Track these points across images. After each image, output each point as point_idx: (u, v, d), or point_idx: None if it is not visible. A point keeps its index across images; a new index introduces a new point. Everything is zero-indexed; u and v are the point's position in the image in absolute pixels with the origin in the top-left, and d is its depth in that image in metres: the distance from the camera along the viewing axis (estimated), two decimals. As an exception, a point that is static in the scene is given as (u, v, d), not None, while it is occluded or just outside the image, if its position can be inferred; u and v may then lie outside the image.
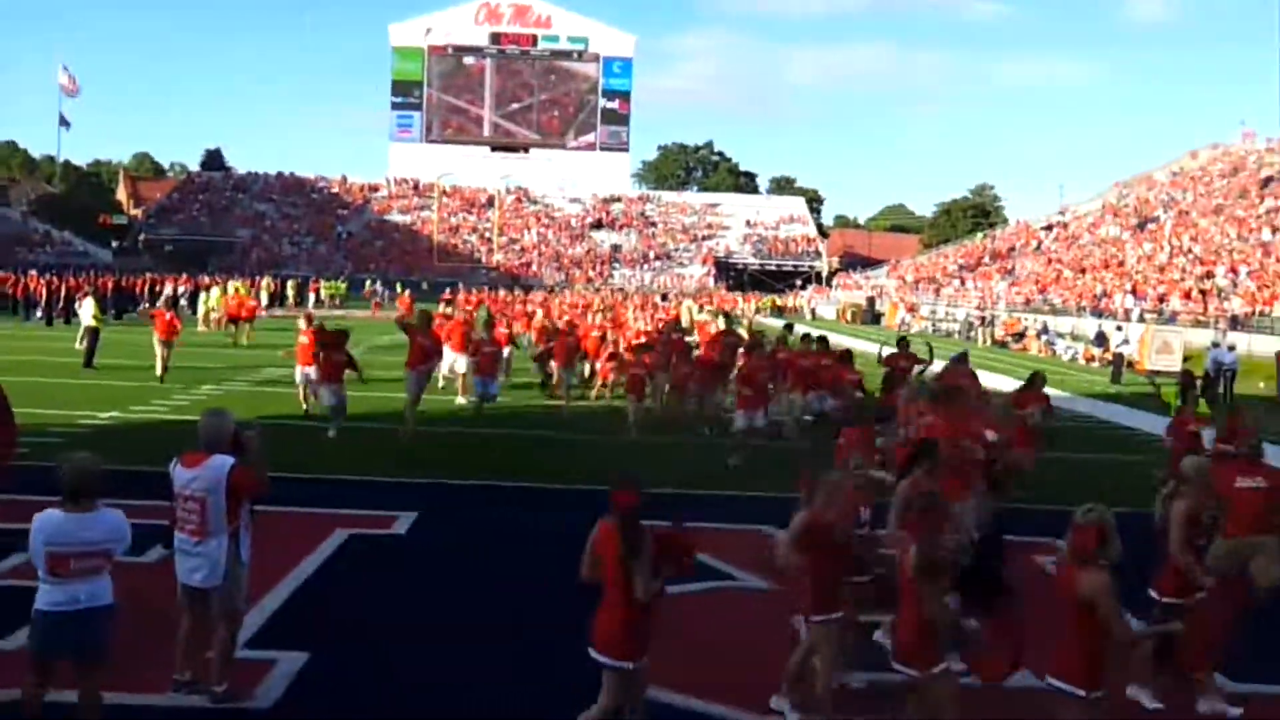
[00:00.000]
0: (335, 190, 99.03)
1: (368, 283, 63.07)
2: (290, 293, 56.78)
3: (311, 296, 57.81)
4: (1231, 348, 27.90)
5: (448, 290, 49.77)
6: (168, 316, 22.14)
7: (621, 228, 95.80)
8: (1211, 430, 11.19)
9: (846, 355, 15.87)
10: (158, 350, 21.13)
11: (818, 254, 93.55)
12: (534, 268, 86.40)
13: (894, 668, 5.62)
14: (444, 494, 11.79)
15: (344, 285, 63.73)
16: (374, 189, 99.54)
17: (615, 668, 5.48)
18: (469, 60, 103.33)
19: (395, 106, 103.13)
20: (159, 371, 20.82)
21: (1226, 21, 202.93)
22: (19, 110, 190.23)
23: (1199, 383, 15.63)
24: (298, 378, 17.25)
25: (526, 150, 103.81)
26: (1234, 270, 45.08)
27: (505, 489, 12.32)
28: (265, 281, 54.67)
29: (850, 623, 6.59)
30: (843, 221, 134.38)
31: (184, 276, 53.51)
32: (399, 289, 48.68)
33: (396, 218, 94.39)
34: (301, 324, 17.98)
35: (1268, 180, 58.29)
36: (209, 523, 5.97)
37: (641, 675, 5.60)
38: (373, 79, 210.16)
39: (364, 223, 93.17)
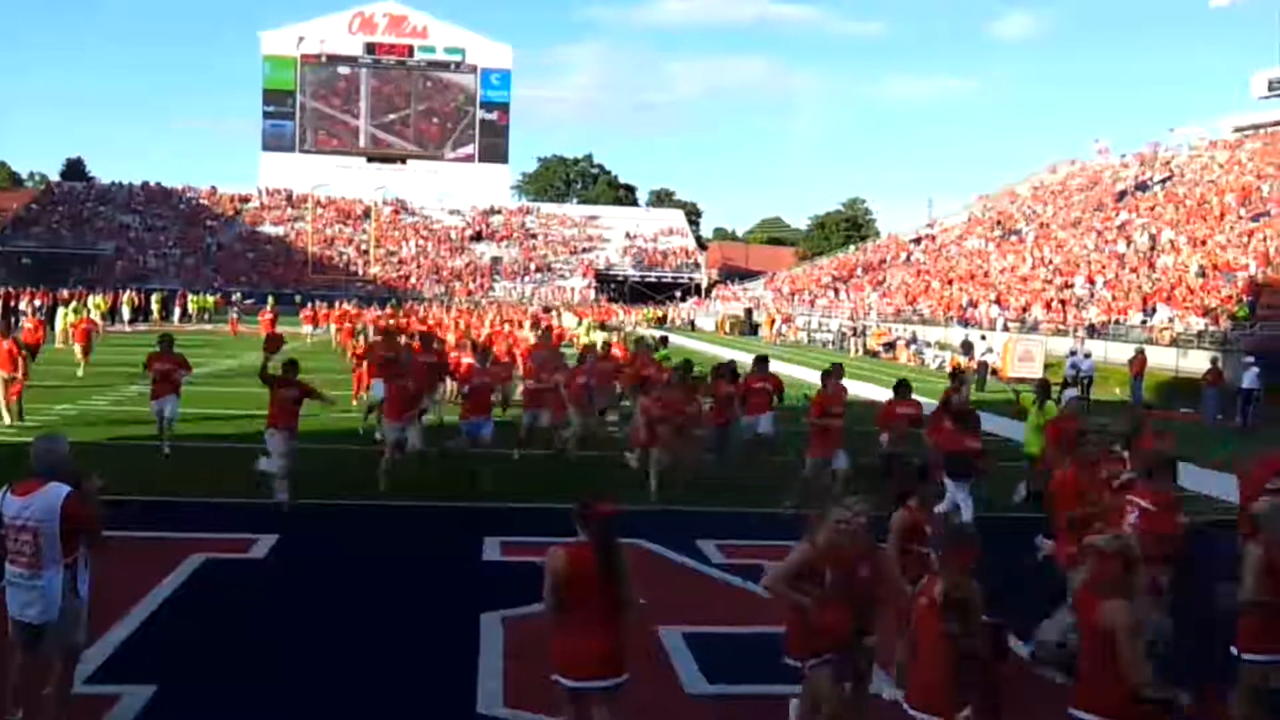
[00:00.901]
0: (204, 201, 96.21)
1: (236, 296, 61.21)
2: (155, 307, 54.80)
3: (178, 310, 55.99)
4: (1088, 355, 29.07)
5: (308, 305, 48.44)
6: (5, 345, 17.55)
7: (501, 240, 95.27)
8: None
9: (903, 387, 13.41)
10: None
11: (697, 266, 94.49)
12: (413, 280, 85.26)
13: (910, 715, 5.08)
14: (307, 515, 11.42)
15: (212, 299, 61.89)
16: (245, 200, 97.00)
17: (606, 688, 5.27)
18: (343, 70, 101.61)
19: (267, 116, 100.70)
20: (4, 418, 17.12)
21: (1083, 42, 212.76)
22: None
23: (1055, 389, 16.20)
24: (154, 411, 14.86)
25: (404, 161, 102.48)
26: (1091, 280, 46.99)
27: (371, 508, 12.03)
28: (127, 295, 52.62)
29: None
30: (721, 234, 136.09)
31: (41, 290, 51.18)
32: (269, 302, 47.16)
33: (269, 229, 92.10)
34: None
35: (1122, 194, 61.02)
36: (43, 555, 5.67)
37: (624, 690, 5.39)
38: (243, 87, 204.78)
39: (235, 234, 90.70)
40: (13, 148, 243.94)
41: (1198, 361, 32.33)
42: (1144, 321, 39.15)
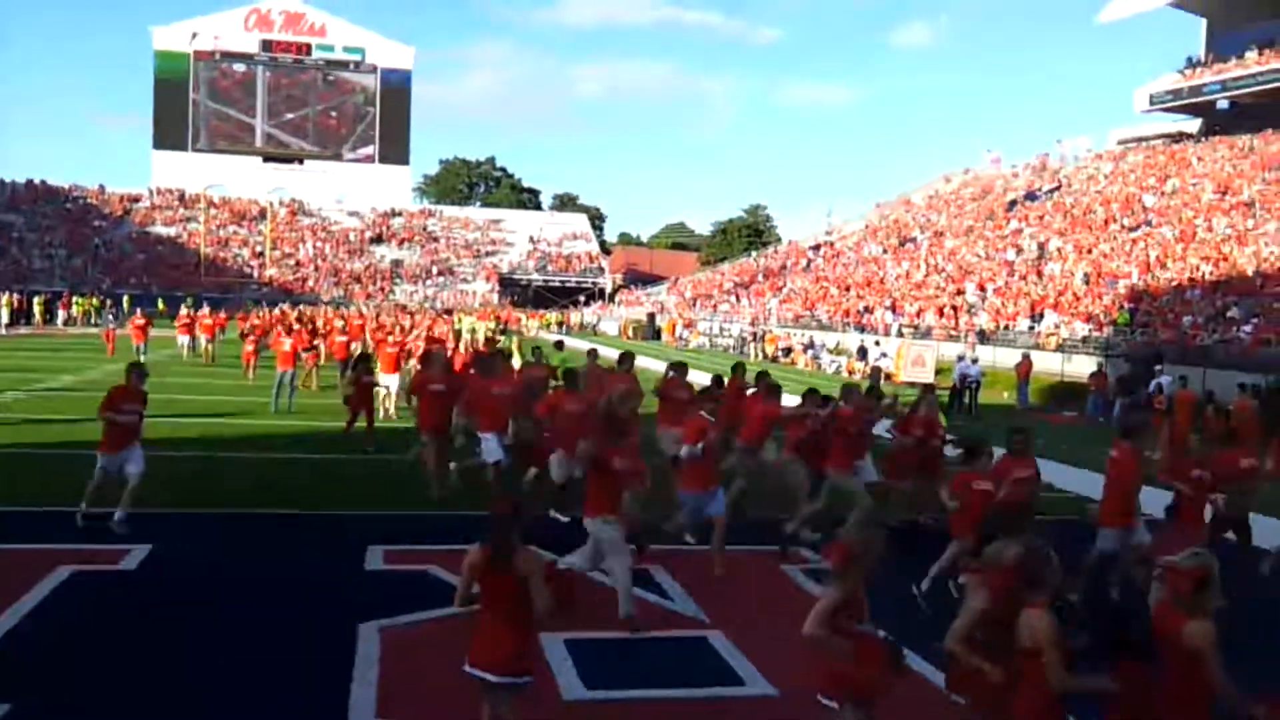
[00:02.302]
0: (92, 200, 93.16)
1: (111, 305, 58.98)
2: (38, 309, 52.85)
3: (62, 313, 54.10)
4: (975, 360, 29.75)
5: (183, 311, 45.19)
6: None
7: (402, 242, 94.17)
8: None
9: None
10: None
11: (601, 270, 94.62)
12: (310, 283, 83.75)
13: None
14: (182, 525, 11.08)
15: (97, 301, 59.91)
16: (134, 199, 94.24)
17: (495, 683, 5.34)
18: (239, 67, 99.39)
19: (159, 113, 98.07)
20: None
21: (977, 54, 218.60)
22: None
23: (939, 392, 16.54)
24: (107, 469, 10.78)
25: (301, 161, 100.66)
26: (982, 288, 48.21)
27: (255, 516, 11.72)
28: (6, 298, 50.61)
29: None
30: (625, 239, 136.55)
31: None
32: (159, 305, 45.76)
33: (160, 229, 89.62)
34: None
35: (1012, 203, 62.74)
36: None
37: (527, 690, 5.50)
38: (134, 84, 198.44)
39: (124, 235, 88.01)
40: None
41: (1082, 366, 33.45)
42: (1032, 327, 40.30)
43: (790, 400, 13.98)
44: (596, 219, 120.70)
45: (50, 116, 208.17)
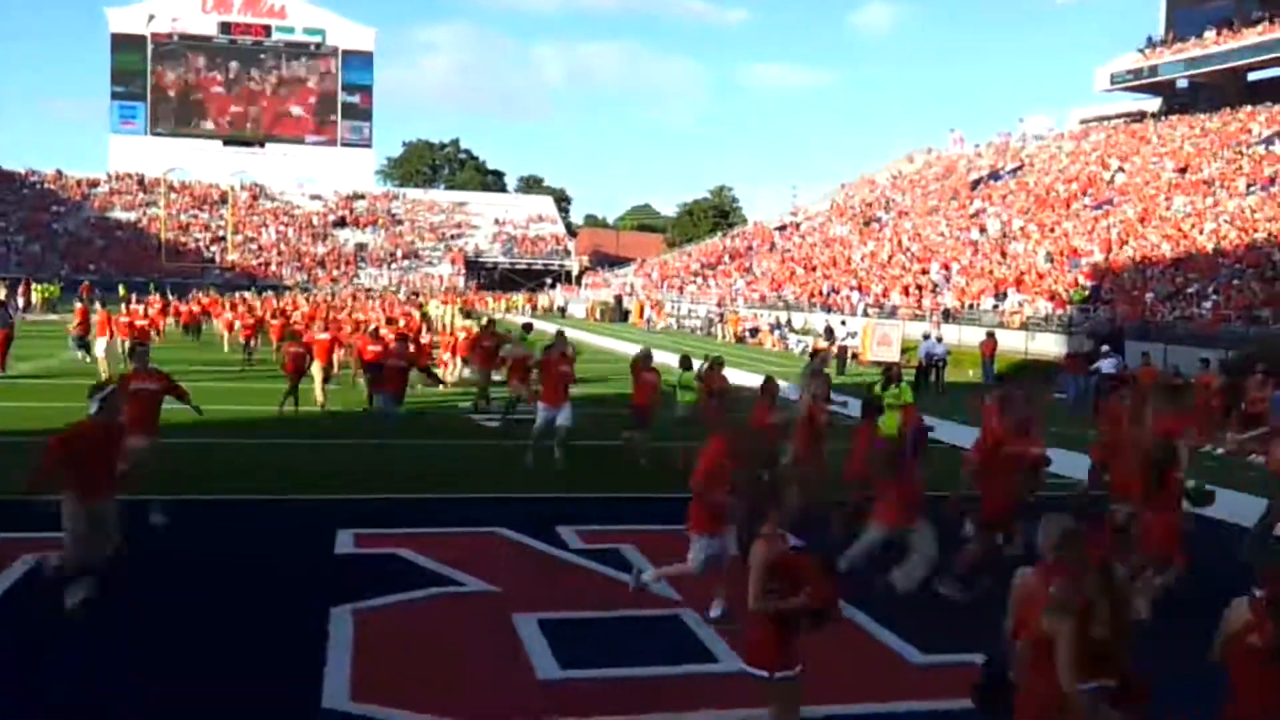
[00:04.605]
0: (49, 185, 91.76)
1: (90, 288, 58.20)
2: (-3, 296, 51.96)
3: (21, 301, 53.24)
4: (939, 339, 29.92)
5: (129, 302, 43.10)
6: None
7: (366, 226, 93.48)
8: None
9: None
10: None
11: (567, 253, 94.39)
12: (273, 267, 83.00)
13: None
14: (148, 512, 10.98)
15: (58, 288, 59.09)
16: (93, 184, 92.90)
17: (750, 675, 5.41)
18: (197, 50, 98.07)
19: (116, 97, 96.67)
20: None
21: (938, 35, 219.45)
22: None
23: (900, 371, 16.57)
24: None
25: (262, 144, 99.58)
26: (946, 267, 48.49)
27: (222, 502, 11.64)
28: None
29: None
30: (592, 221, 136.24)
31: None
32: (120, 291, 45.06)
33: (120, 214, 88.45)
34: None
35: (976, 183, 63.10)
36: None
37: (788, 687, 5.37)
38: (90, 66, 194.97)
39: (83, 220, 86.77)
40: None
41: (1046, 344, 33.78)
42: (996, 306, 40.61)
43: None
44: (562, 201, 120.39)
45: (3, 99, 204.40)
